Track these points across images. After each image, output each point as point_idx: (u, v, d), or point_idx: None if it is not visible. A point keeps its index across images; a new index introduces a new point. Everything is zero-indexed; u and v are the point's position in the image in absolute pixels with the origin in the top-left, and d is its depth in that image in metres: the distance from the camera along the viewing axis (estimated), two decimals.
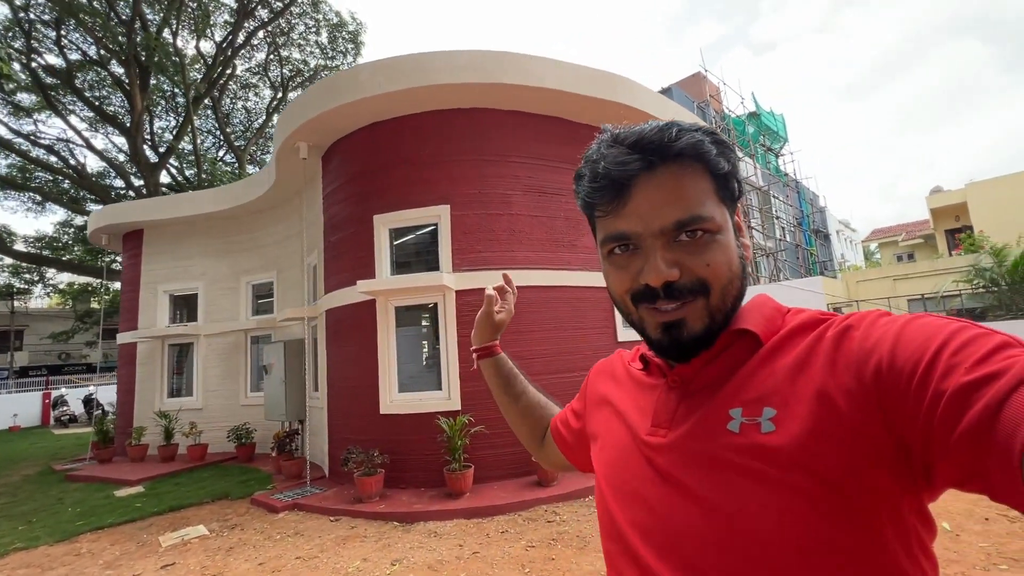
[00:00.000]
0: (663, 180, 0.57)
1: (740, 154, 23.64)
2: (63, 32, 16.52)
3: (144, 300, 9.85)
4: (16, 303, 26.24)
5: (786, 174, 27.74)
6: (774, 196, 25.75)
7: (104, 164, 19.63)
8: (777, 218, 25.71)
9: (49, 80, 17.01)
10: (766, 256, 23.47)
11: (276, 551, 4.34)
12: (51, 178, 19.35)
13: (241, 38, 19.45)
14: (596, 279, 6.61)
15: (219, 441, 8.72)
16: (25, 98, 17.91)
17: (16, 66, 15.68)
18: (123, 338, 9.89)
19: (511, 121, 6.39)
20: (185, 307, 10.08)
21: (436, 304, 5.96)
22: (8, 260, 22.11)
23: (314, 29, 20.87)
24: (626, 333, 6.85)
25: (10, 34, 15.94)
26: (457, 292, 5.92)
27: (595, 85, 6.39)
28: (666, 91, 21.95)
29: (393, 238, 6.38)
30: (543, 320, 6.16)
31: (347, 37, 21.30)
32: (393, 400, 5.93)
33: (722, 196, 0.59)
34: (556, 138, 6.66)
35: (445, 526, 4.66)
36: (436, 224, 6.09)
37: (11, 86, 16.56)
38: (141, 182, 18.13)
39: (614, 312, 6.76)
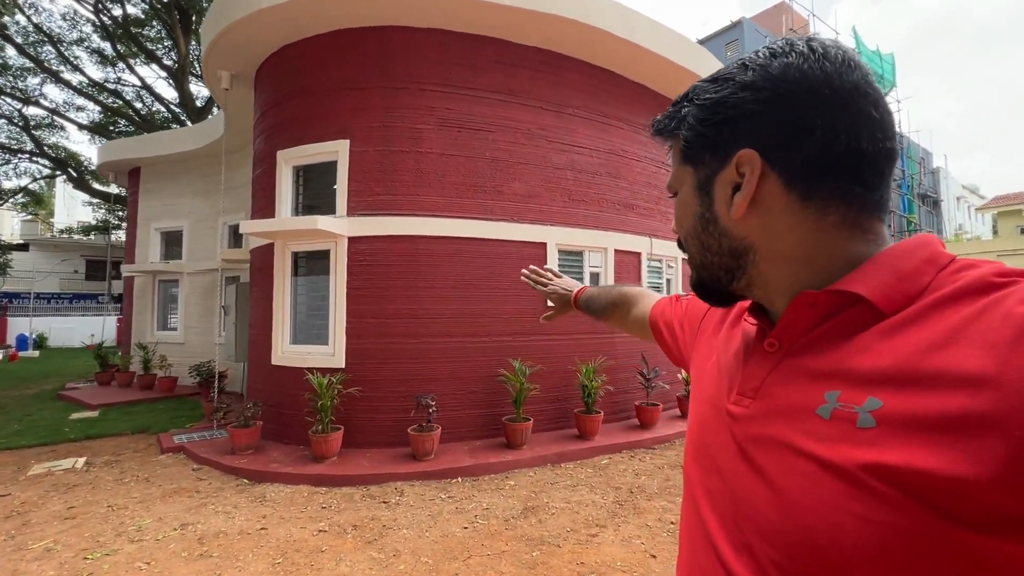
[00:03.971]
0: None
1: None
2: None
3: (140, 236, 10.26)
4: (112, 236, 29.51)
5: None
6: None
7: (164, 110, 20.85)
8: None
9: (114, 30, 18.07)
10: None
11: (103, 495, 4.21)
12: (128, 126, 20.94)
13: None
14: (526, 232, 5.70)
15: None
16: (96, 48, 19.23)
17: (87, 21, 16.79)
18: (124, 271, 10.44)
19: (430, 41, 5.45)
20: (178, 245, 10.40)
21: (329, 251, 5.40)
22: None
23: None
24: None
25: None
26: (351, 239, 5.31)
27: None
28: (734, 26, 19.01)
29: (301, 177, 5.84)
30: (452, 275, 5.41)
31: None
32: (284, 352, 5.57)
33: (684, 158, 0.57)
34: (488, 63, 5.64)
35: (285, 491, 4.28)
36: (336, 162, 5.44)
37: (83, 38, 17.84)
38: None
39: None
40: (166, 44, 19.78)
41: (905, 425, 0.38)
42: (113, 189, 22.30)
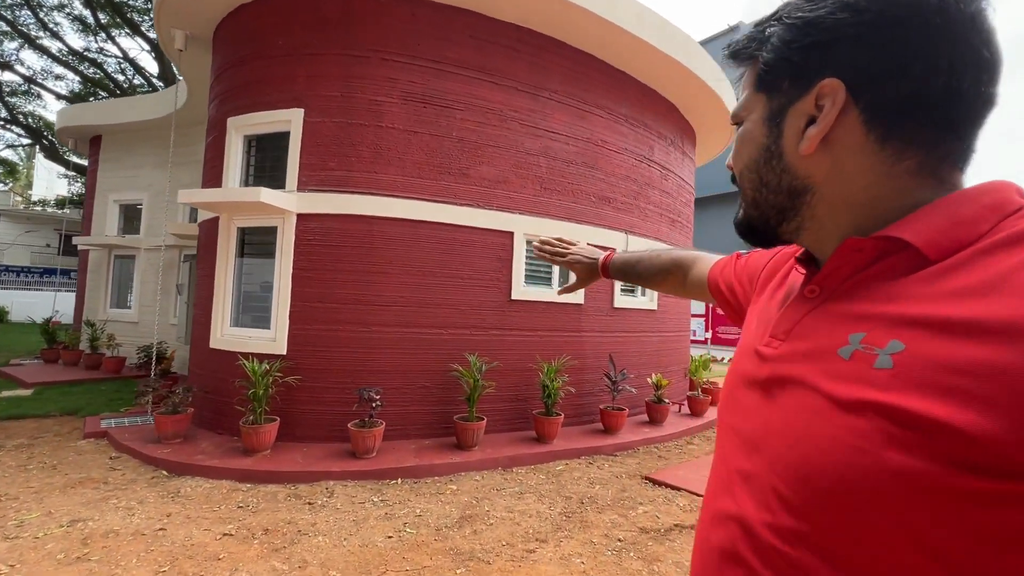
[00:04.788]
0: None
1: None
2: None
3: (97, 208, 9.73)
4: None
5: None
6: None
7: (145, 83, 20.15)
8: None
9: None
10: None
11: None
12: (108, 98, 20.24)
13: None
14: (492, 219, 5.35)
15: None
16: (78, 15, 18.50)
17: None
18: (79, 244, 9.90)
19: (398, 9, 5.07)
20: (138, 220, 9.89)
21: (277, 228, 5.00)
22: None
23: None
24: (525, 292, 5.58)
25: None
26: (300, 216, 4.91)
27: None
28: (732, 30, 18.83)
29: (254, 148, 5.42)
30: (409, 261, 5.04)
31: None
32: (223, 335, 5.15)
33: (758, 84, 0.53)
34: (460, 36, 5.26)
35: (203, 486, 3.88)
36: (289, 132, 5.03)
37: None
38: None
39: (512, 264, 5.49)
40: (151, 16, 19.13)
41: (923, 370, 0.37)
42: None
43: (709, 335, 17.20)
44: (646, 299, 6.92)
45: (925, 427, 0.35)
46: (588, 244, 1.26)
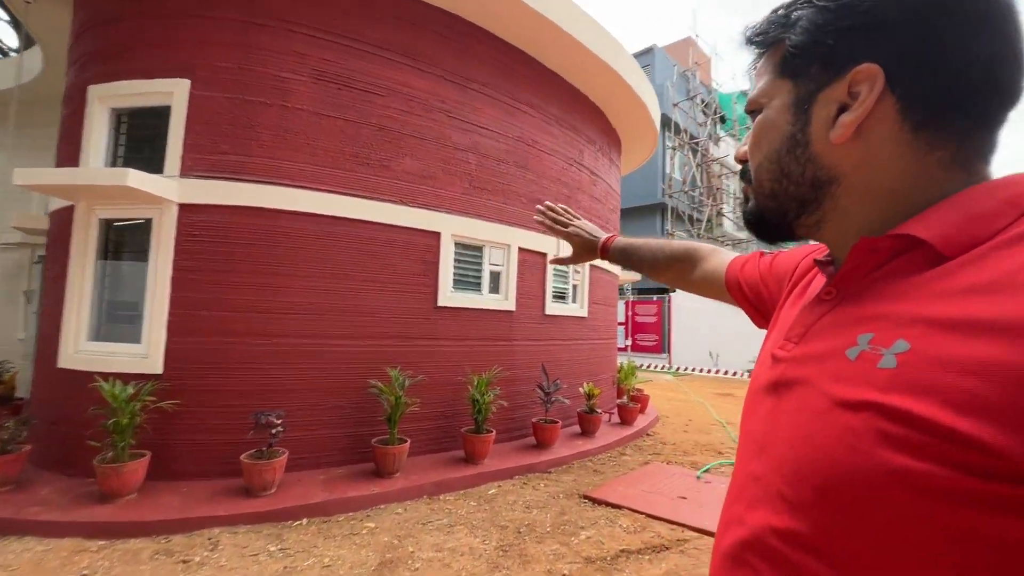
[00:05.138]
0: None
1: (722, 134, 21.78)
2: None
3: None
4: None
5: None
6: None
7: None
8: None
9: None
10: (733, 246, 22.02)
11: None
12: None
13: None
14: (417, 217, 4.84)
15: None
16: None
17: None
18: None
19: None
20: None
21: (152, 220, 4.14)
22: None
23: None
24: (452, 298, 5.13)
25: None
26: (183, 207, 4.10)
27: None
28: (646, 52, 19.74)
29: (124, 124, 4.50)
30: (318, 262, 4.39)
31: None
32: (78, 351, 4.17)
33: (783, 69, 0.51)
34: (384, 15, 4.75)
35: (35, 550, 2.98)
36: (170, 107, 4.20)
37: None
38: None
39: (439, 268, 5.01)
40: None
41: (926, 370, 0.36)
42: None
43: (629, 342, 17.69)
44: (576, 306, 6.73)
45: (924, 427, 0.34)
46: (525, 247, 1.07)
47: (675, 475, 4.77)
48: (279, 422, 3.79)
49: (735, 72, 21.62)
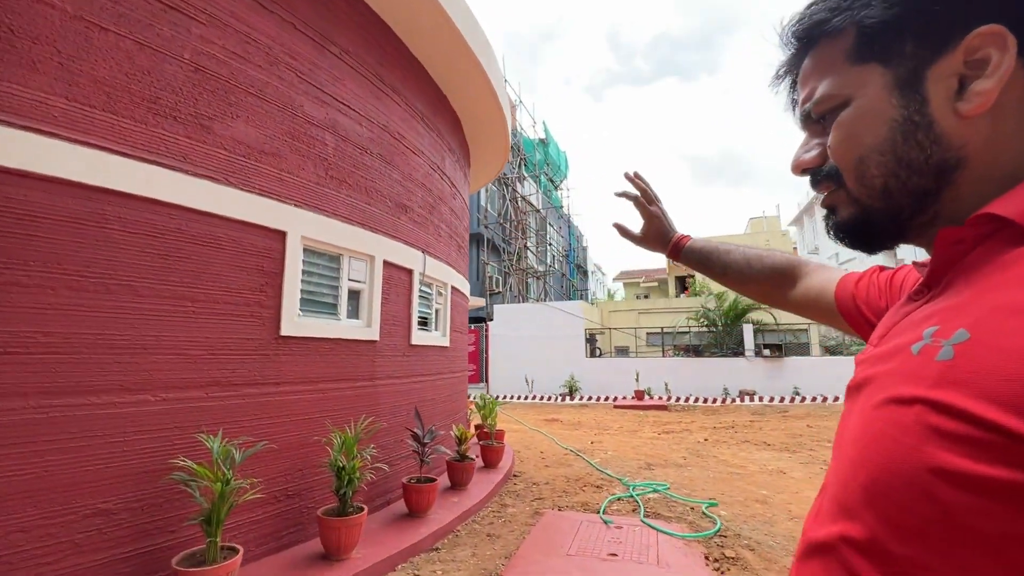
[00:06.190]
0: (802, 69, 0.51)
1: (525, 174, 23.50)
2: None
3: None
4: None
5: (562, 206, 29.03)
6: (549, 224, 26.56)
7: None
8: (550, 244, 26.50)
9: None
10: (536, 278, 23.66)
11: None
12: None
13: None
14: (252, 206, 3.37)
15: None
16: None
17: None
18: None
19: None
20: None
21: None
22: None
23: None
24: (301, 324, 3.71)
25: None
26: None
27: None
28: None
29: None
30: (81, 263, 2.58)
31: None
32: None
33: (860, 55, 0.45)
34: None
35: None
36: None
37: None
38: None
39: (283, 283, 3.56)
40: None
41: (983, 361, 0.32)
42: None
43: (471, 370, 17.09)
44: (439, 334, 5.78)
45: (978, 423, 0.31)
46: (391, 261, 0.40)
47: (580, 525, 4.18)
48: None
49: (535, 121, 23.74)
